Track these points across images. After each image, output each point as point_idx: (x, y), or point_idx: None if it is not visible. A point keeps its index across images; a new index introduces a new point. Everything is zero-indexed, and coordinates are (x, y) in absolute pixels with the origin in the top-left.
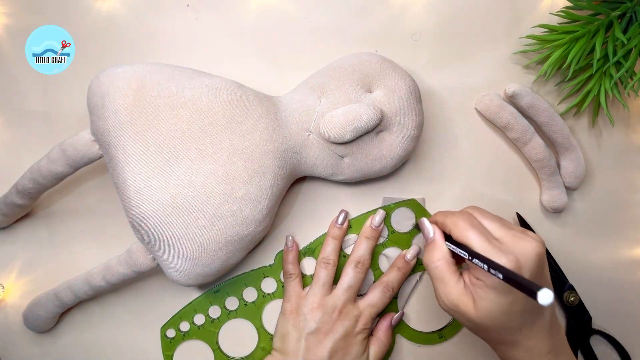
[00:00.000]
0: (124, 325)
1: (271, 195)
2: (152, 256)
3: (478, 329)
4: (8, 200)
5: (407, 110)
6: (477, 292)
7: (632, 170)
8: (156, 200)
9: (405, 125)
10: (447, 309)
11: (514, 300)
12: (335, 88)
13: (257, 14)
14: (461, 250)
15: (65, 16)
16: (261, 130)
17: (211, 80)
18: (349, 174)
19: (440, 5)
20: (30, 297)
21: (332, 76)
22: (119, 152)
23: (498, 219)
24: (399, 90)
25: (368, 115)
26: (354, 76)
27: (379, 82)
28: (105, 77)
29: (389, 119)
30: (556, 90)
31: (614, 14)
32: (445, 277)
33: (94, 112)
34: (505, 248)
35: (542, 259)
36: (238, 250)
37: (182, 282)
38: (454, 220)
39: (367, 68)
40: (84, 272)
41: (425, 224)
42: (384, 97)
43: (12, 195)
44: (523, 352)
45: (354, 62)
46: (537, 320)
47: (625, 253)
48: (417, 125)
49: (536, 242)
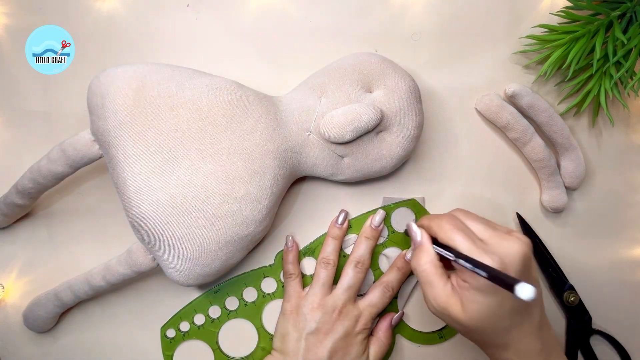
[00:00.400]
0: (124, 325)
1: (271, 195)
2: (152, 256)
3: (468, 331)
4: (8, 200)
5: (407, 110)
6: (465, 295)
7: (632, 170)
8: (156, 200)
9: (405, 125)
10: (437, 312)
11: (501, 301)
12: (335, 88)
13: (257, 14)
14: (447, 252)
15: (65, 16)
16: (261, 130)
17: (211, 80)
18: (349, 174)
19: (440, 5)
20: (30, 297)
21: (332, 76)
22: (119, 152)
23: (483, 220)
24: (399, 90)
25: (368, 115)
26: (354, 76)
27: (379, 82)
28: (105, 77)
29: (389, 119)
30: (556, 90)
31: (614, 14)
32: (433, 280)
33: (94, 112)
34: (490, 249)
35: (528, 258)
36: (238, 250)
37: (182, 282)
38: (439, 223)
39: (367, 68)
40: (84, 272)
41: (412, 227)
42: (384, 97)
43: (12, 195)
44: (513, 354)
45: (354, 62)
46: (526, 320)
47: (626, 253)
48: (417, 125)
49: (521, 242)
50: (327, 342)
